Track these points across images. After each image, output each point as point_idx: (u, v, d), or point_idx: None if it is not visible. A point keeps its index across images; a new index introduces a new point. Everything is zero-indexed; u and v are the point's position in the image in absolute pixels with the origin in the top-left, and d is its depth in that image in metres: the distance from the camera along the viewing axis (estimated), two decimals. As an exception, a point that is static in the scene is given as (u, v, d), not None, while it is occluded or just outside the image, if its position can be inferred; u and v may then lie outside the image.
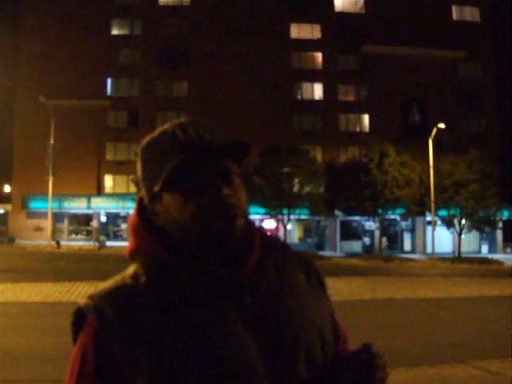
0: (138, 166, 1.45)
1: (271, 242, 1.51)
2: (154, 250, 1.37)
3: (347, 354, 1.42)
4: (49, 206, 45.81)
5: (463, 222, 46.04)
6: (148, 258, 1.38)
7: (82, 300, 1.35)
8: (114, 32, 59.32)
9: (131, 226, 1.45)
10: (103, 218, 55.74)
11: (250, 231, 1.44)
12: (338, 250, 52.71)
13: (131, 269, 1.40)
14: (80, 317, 1.34)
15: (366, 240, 55.07)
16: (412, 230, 55.65)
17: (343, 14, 60.64)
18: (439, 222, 47.37)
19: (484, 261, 41.37)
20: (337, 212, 49.70)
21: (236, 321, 1.31)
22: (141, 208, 1.45)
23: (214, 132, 1.42)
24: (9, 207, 58.12)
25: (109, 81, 58.51)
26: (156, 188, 1.34)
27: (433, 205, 42.79)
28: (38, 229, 53.40)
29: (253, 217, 45.13)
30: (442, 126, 43.67)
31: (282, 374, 1.31)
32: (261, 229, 1.52)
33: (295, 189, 44.67)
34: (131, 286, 1.34)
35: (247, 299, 1.34)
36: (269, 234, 1.55)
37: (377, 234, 49.80)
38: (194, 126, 1.40)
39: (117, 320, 1.27)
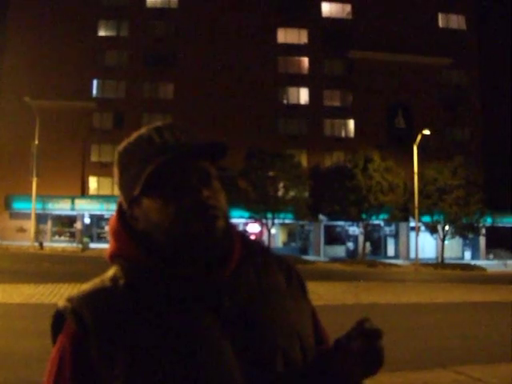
0: (116, 171, 1.45)
1: (252, 246, 1.51)
2: (133, 254, 1.36)
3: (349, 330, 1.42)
4: (32, 206, 45.57)
5: (447, 228, 46.29)
6: (127, 261, 1.37)
7: (61, 302, 1.34)
8: (101, 33, 59.16)
9: (111, 230, 1.44)
10: (87, 220, 55.47)
11: (231, 234, 1.43)
12: (322, 254, 52.78)
13: (111, 271, 1.39)
14: (59, 319, 1.34)
15: (350, 245, 55.22)
16: (396, 236, 55.84)
17: (330, 20, 60.83)
18: (423, 228, 47.58)
19: (467, 267, 41.63)
20: (321, 217, 49.77)
21: (213, 324, 1.30)
22: (121, 212, 1.45)
23: (191, 135, 1.42)
24: (-9, 208, 57.72)
25: (95, 82, 58.32)
26: (135, 192, 1.34)
27: (416, 211, 42.99)
28: (21, 230, 53.04)
29: (237, 220, 45.15)
30: (426, 132, 43.89)
31: (259, 378, 1.31)
32: (241, 232, 1.52)
33: (280, 193, 44.69)
34: (110, 289, 1.34)
35: (226, 302, 1.33)
36: (250, 237, 1.55)
37: (360, 239, 49.91)
38: (170, 130, 1.40)
39: (94, 323, 1.27)
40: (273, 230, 47.18)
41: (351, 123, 59.53)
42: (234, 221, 1.47)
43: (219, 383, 1.25)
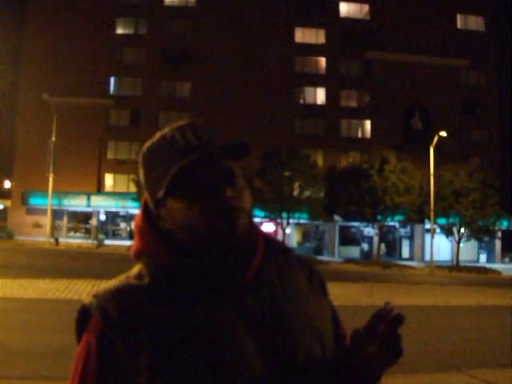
0: (140, 172, 1.45)
1: (275, 246, 1.52)
2: (158, 252, 1.39)
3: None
4: (48, 202, 45.83)
5: (462, 230, 46.01)
6: (152, 259, 1.39)
7: (86, 298, 1.37)
8: (119, 31, 59.41)
9: (136, 227, 1.46)
10: (102, 217, 55.76)
11: (254, 234, 1.46)
12: (337, 255, 52.71)
13: (136, 269, 1.42)
14: (84, 315, 1.36)
15: (365, 246, 55.07)
16: (411, 238, 55.65)
17: (348, 20, 60.72)
18: (438, 230, 47.35)
19: (482, 270, 41.38)
20: (336, 217, 49.67)
21: (237, 322, 1.32)
22: (146, 210, 1.46)
23: (213, 133, 1.43)
24: (8, 203, 58.26)
25: (112, 79, 58.58)
26: (159, 194, 1.35)
27: (432, 213, 42.77)
28: (37, 225, 53.42)
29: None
30: (443, 134, 43.64)
31: (280, 373, 1.32)
32: (265, 232, 1.54)
33: (295, 193, 44.61)
34: (135, 287, 1.36)
35: (248, 301, 1.35)
36: (273, 237, 1.57)
37: (375, 240, 49.78)
38: (192, 129, 1.41)
39: (120, 319, 1.29)
40: (287, 230, 47.11)
41: (368, 124, 59.42)
42: (254, 220, 1.49)
43: (242, 378, 1.27)
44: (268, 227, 48.72)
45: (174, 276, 1.36)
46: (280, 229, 45.55)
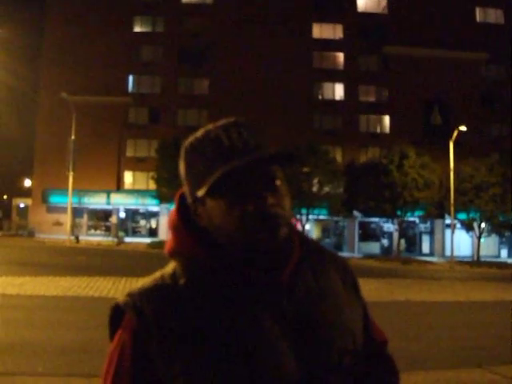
0: (182, 166, 1.42)
1: (309, 245, 1.52)
2: (193, 251, 1.37)
3: None
4: (69, 200, 46.07)
5: (483, 225, 45.68)
6: (187, 259, 1.38)
7: (121, 297, 1.36)
8: (137, 29, 59.62)
9: (171, 225, 1.44)
10: (122, 214, 56.03)
11: (291, 236, 1.44)
12: (356, 251, 52.59)
13: (170, 267, 1.40)
14: (117, 313, 1.35)
15: (385, 242, 54.90)
16: (431, 233, 55.36)
17: (366, 15, 60.47)
18: (458, 225, 47.04)
19: (503, 265, 41.06)
20: (355, 213, 49.54)
21: (272, 324, 1.31)
22: (181, 205, 1.45)
23: (257, 134, 1.41)
24: (29, 201, 58.73)
25: (130, 77, 58.81)
26: (201, 192, 1.32)
27: (452, 208, 42.46)
28: (58, 223, 53.81)
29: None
30: (463, 128, 43.30)
31: (316, 377, 1.32)
32: (299, 231, 1.52)
33: (314, 189, 44.57)
34: (170, 286, 1.34)
35: (284, 302, 1.34)
36: (307, 236, 1.56)
37: (395, 235, 49.58)
38: (237, 130, 1.38)
39: (155, 319, 1.28)
40: (307, 226, 47.11)
41: (386, 119, 59.15)
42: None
43: (278, 380, 1.26)
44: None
45: (208, 276, 1.34)
46: (299, 225, 45.50)
